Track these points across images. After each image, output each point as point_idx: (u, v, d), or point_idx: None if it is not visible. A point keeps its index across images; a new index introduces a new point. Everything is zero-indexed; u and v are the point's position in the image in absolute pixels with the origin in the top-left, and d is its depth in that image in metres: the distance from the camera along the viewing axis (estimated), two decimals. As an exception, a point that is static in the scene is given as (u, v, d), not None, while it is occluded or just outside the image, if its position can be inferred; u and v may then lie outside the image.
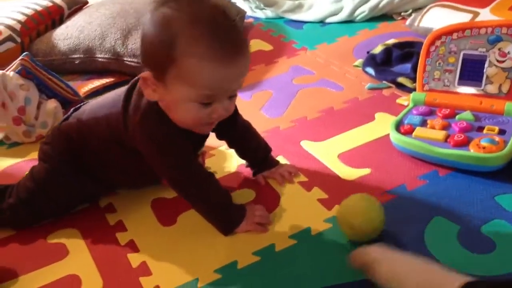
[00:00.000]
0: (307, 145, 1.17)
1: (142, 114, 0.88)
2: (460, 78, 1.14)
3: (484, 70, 1.12)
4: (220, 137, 1.06)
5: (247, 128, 1.06)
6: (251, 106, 1.36)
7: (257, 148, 1.08)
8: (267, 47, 1.72)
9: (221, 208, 0.94)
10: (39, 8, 1.71)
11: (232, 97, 0.88)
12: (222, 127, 0.97)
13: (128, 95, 0.93)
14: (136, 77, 0.93)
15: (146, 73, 0.85)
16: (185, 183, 0.93)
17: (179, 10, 0.81)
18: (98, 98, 1.05)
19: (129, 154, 0.94)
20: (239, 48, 0.83)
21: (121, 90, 0.96)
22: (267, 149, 1.08)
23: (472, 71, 1.14)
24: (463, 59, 1.14)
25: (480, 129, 1.06)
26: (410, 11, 1.78)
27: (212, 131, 1.00)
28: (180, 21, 0.80)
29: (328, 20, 1.85)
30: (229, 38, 0.81)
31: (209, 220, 0.95)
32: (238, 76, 0.85)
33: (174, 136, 0.89)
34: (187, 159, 0.92)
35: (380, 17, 1.81)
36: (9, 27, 1.60)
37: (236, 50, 0.82)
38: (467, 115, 1.10)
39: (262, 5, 1.98)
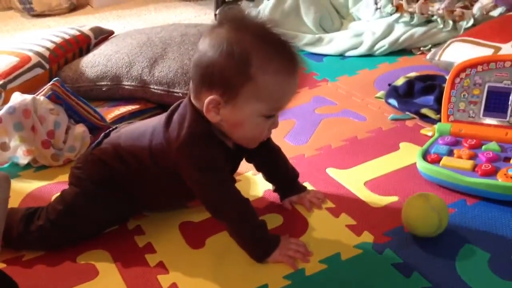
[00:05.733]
0: (333, 173, 1.18)
1: (184, 137, 0.90)
2: (485, 110, 1.17)
3: (509, 102, 1.14)
4: (249, 159, 1.08)
5: (276, 151, 1.08)
6: (275, 133, 1.33)
7: (285, 172, 1.09)
8: (288, 78, 1.75)
9: (257, 234, 0.94)
10: (67, 37, 1.75)
11: None
12: (253, 150, 0.99)
13: (168, 120, 0.94)
14: (176, 103, 0.96)
15: (212, 97, 0.86)
16: (223, 205, 0.93)
17: (240, 30, 0.84)
18: (134, 125, 1.06)
19: (168, 177, 0.96)
20: (299, 61, 0.88)
21: (160, 116, 0.98)
22: (295, 173, 1.10)
23: (497, 103, 1.16)
24: (488, 91, 1.17)
25: (507, 159, 1.07)
26: (430, 46, 1.82)
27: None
28: (248, 41, 0.83)
29: (348, 54, 1.89)
30: (292, 52, 0.87)
31: (242, 245, 0.95)
32: (296, 87, 0.90)
33: (215, 158, 0.91)
34: (226, 182, 0.94)
35: (399, 51, 1.85)
36: (38, 54, 1.64)
37: (298, 63, 0.88)
38: (493, 145, 1.11)
39: (282, 38, 2.02)
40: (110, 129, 1.08)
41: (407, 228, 0.96)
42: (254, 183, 1.17)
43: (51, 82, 1.36)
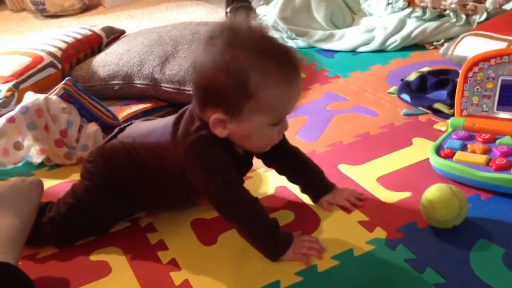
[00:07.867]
0: (345, 169, 1.17)
1: (192, 140, 0.90)
2: (499, 104, 1.15)
3: (524, 96, 1.12)
4: (269, 163, 1.08)
5: (293, 153, 1.07)
6: (287, 130, 1.37)
7: (309, 171, 1.07)
8: (300, 75, 1.75)
9: (268, 234, 0.93)
10: (79, 37, 1.77)
11: None
12: (271, 153, 0.98)
13: (176, 122, 0.94)
14: (185, 107, 0.96)
15: (216, 116, 0.86)
16: (232, 205, 0.93)
17: (234, 46, 0.83)
18: (145, 123, 1.06)
19: (173, 179, 0.96)
20: (299, 67, 0.88)
21: (170, 118, 0.98)
22: (320, 170, 1.08)
23: (511, 96, 1.14)
24: (502, 85, 1.15)
25: (522, 153, 1.06)
26: (442, 40, 1.81)
27: (259, 158, 1.05)
28: (244, 57, 0.82)
29: (359, 49, 1.88)
30: (290, 58, 0.86)
31: (255, 245, 0.94)
32: (300, 92, 0.90)
33: (222, 159, 0.91)
34: (234, 182, 0.93)
35: (412, 46, 1.84)
36: (51, 54, 1.65)
37: (298, 69, 0.87)
38: (507, 140, 1.10)
39: (293, 35, 2.02)
40: (125, 124, 1.09)
41: (425, 213, 0.94)
42: (266, 180, 1.17)
43: (63, 82, 1.37)
